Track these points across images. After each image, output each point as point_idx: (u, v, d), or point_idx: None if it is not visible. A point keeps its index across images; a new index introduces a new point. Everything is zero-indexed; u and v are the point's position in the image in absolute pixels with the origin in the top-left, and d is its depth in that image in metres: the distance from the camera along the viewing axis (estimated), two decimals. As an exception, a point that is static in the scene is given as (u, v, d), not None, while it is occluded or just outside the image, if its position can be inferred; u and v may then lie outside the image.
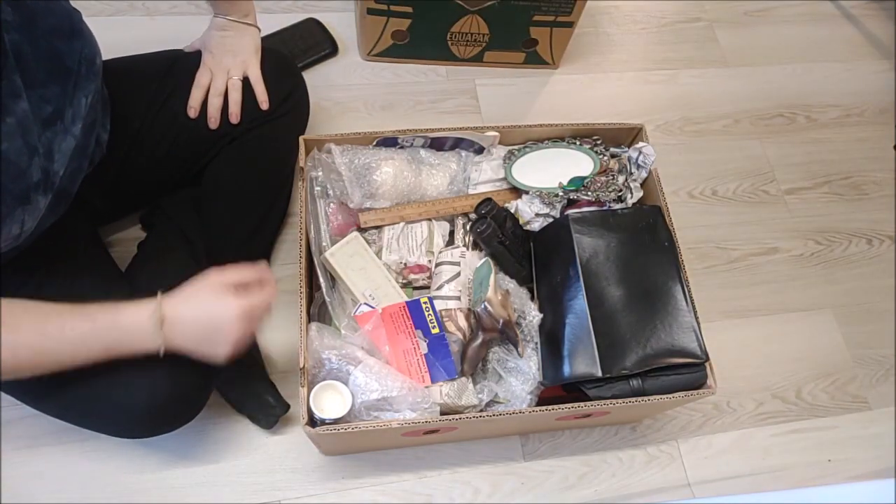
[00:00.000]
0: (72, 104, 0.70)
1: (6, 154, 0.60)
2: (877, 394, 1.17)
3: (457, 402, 0.84)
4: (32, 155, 0.64)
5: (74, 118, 0.71)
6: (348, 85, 1.30)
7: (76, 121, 0.71)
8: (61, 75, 0.68)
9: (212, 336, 0.72)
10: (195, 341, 0.71)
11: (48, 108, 0.66)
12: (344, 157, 0.93)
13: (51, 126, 0.67)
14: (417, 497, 0.98)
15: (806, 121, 1.44)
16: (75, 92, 0.70)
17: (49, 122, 0.67)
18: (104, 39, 0.77)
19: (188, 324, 0.71)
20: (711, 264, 1.25)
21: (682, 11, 1.53)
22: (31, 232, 0.68)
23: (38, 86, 0.64)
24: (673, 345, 0.84)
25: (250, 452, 0.97)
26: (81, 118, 0.71)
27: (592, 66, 1.42)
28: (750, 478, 1.07)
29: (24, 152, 0.63)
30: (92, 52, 0.74)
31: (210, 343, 0.72)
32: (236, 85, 0.93)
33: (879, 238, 1.33)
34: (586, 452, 1.04)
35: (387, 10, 1.20)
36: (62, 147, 0.69)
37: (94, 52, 0.75)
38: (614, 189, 0.97)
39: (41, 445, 0.93)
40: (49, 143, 0.67)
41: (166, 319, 0.69)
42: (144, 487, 0.93)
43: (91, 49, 0.74)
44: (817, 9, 1.60)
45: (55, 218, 0.76)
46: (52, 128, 0.67)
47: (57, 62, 0.67)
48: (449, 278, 0.91)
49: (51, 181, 0.69)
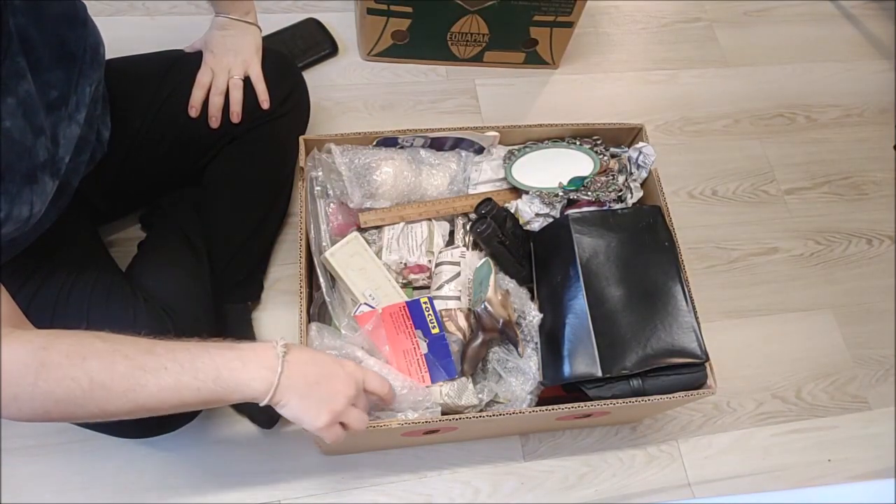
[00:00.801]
0: (76, 91, 0.70)
1: (8, 132, 0.59)
2: (877, 394, 1.17)
3: (457, 402, 0.84)
4: (38, 135, 0.64)
5: (79, 106, 0.71)
6: (348, 85, 1.30)
7: (80, 108, 0.71)
8: (66, 61, 0.68)
9: (323, 387, 0.66)
10: (306, 385, 0.65)
11: (53, 92, 0.67)
12: (344, 157, 0.93)
13: (55, 111, 0.67)
14: (417, 497, 0.98)
15: (806, 121, 1.44)
16: (79, 80, 0.71)
17: (53, 107, 0.67)
18: (104, 39, 0.78)
19: (306, 364, 0.66)
20: (711, 264, 1.25)
21: (682, 11, 1.53)
22: (34, 223, 0.68)
23: (43, 70, 0.65)
24: (673, 345, 0.84)
25: (250, 452, 0.97)
26: (85, 106, 0.72)
27: (592, 66, 1.42)
28: (750, 478, 1.07)
29: (29, 132, 0.63)
30: (96, 42, 0.74)
31: (318, 396, 0.66)
32: (238, 84, 0.93)
33: (879, 238, 1.33)
34: (586, 452, 1.04)
35: (387, 10, 1.20)
36: (67, 133, 0.70)
37: (98, 42, 0.75)
38: (614, 189, 0.97)
39: (41, 445, 0.93)
40: (54, 127, 0.67)
41: (289, 352, 0.65)
42: (144, 487, 0.93)
43: (95, 38, 0.74)
44: (817, 9, 1.60)
45: (56, 214, 0.76)
46: (57, 112, 0.68)
47: (62, 48, 0.68)
48: (449, 278, 0.91)
49: (56, 166, 0.69)
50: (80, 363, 0.56)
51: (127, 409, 0.58)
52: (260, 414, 0.96)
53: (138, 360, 0.58)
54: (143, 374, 0.57)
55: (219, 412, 0.98)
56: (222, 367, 0.61)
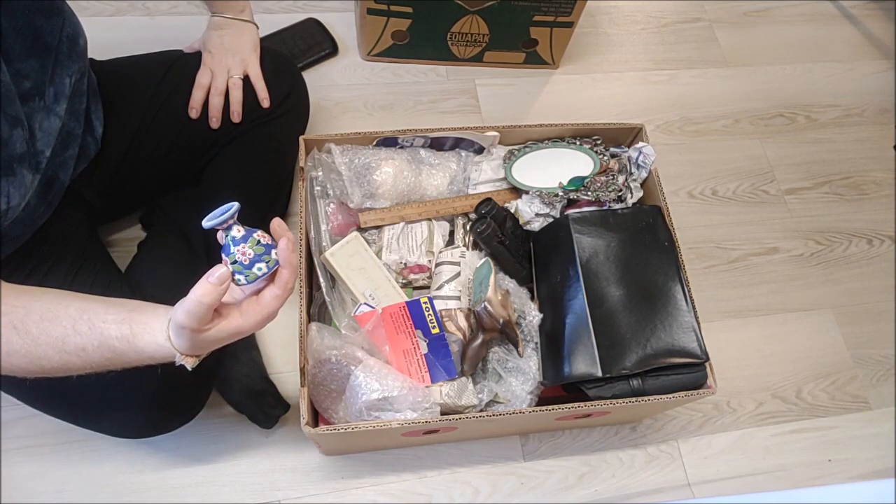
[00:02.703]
0: (53, 82, 0.69)
1: None
2: (877, 394, 1.17)
3: (457, 402, 0.84)
4: (14, 126, 0.64)
5: (58, 97, 0.70)
6: (348, 85, 1.30)
7: (60, 100, 0.70)
8: (40, 51, 0.68)
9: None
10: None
11: (26, 83, 0.66)
12: (344, 157, 0.93)
13: (28, 101, 0.67)
14: (417, 497, 0.98)
15: (806, 121, 1.44)
16: (56, 69, 0.70)
17: (27, 98, 0.66)
18: (104, 39, 0.78)
19: None
20: (711, 264, 1.25)
21: (682, 11, 1.53)
22: (23, 218, 0.68)
23: (14, 60, 0.64)
24: (673, 345, 0.84)
25: (250, 452, 0.97)
26: (66, 98, 0.71)
27: (592, 66, 1.42)
28: (750, 478, 1.07)
29: (4, 122, 0.63)
30: (74, 32, 0.73)
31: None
32: (237, 84, 0.93)
33: (879, 238, 1.33)
34: (586, 452, 1.04)
35: (387, 10, 1.20)
36: (45, 125, 0.69)
37: (77, 32, 0.74)
38: (614, 189, 0.97)
39: (41, 445, 0.93)
40: (28, 118, 0.67)
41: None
42: (144, 487, 0.93)
43: (73, 28, 0.73)
44: (817, 9, 1.60)
45: (49, 212, 0.76)
46: (30, 103, 0.67)
47: (35, 37, 0.67)
48: (449, 278, 0.91)
49: (36, 159, 0.68)
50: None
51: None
52: (260, 414, 0.96)
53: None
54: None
55: (219, 412, 0.98)
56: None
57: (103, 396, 0.78)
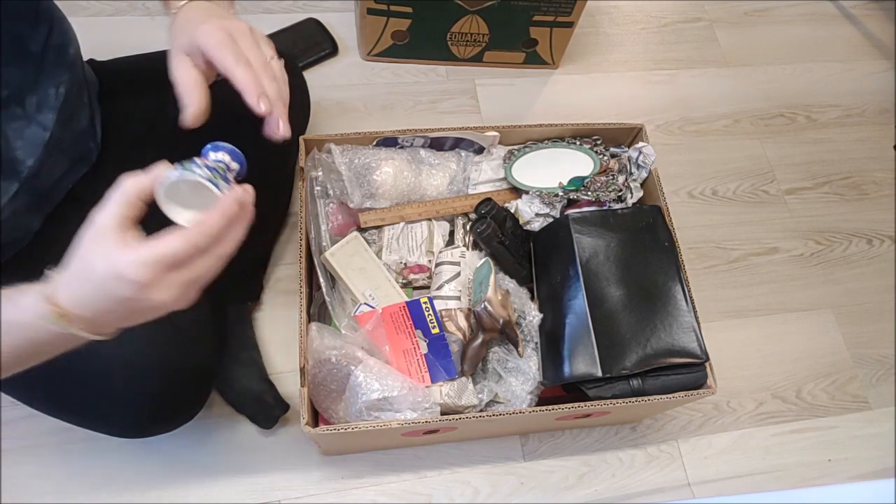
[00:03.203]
0: (36, 91, 0.67)
1: None
2: (877, 394, 1.17)
3: (457, 402, 0.84)
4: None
5: (41, 107, 0.68)
6: (348, 85, 1.30)
7: (43, 110, 0.68)
8: (21, 59, 0.66)
9: (123, 316, 0.51)
10: (114, 322, 0.52)
11: (3, 91, 0.64)
12: (344, 157, 0.93)
13: (4, 109, 0.65)
14: (417, 497, 0.98)
15: (806, 121, 1.44)
16: (39, 78, 0.68)
17: (3, 105, 0.64)
18: (104, 39, 0.77)
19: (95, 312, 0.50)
20: (711, 264, 1.25)
21: (682, 11, 1.53)
22: (10, 225, 0.67)
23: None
24: (673, 345, 0.84)
25: (250, 452, 0.97)
26: (52, 109, 0.69)
27: (592, 66, 1.42)
28: (750, 478, 1.07)
29: None
30: (63, 41, 0.71)
31: (130, 320, 0.52)
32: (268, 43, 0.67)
33: (879, 238, 1.33)
34: (586, 452, 1.04)
35: (387, 10, 1.20)
36: (25, 135, 0.67)
37: (66, 41, 0.72)
38: (614, 189, 0.97)
39: (41, 445, 0.93)
40: (5, 127, 0.65)
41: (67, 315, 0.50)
42: (144, 487, 0.93)
43: (62, 37, 0.71)
44: (817, 9, 1.60)
45: (41, 218, 0.75)
46: (7, 111, 0.65)
47: (16, 45, 0.65)
48: (449, 278, 0.91)
49: (16, 169, 0.67)
50: None
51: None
52: (260, 414, 0.96)
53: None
54: None
55: (218, 412, 0.98)
56: None
57: (103, 396, 0.77)
